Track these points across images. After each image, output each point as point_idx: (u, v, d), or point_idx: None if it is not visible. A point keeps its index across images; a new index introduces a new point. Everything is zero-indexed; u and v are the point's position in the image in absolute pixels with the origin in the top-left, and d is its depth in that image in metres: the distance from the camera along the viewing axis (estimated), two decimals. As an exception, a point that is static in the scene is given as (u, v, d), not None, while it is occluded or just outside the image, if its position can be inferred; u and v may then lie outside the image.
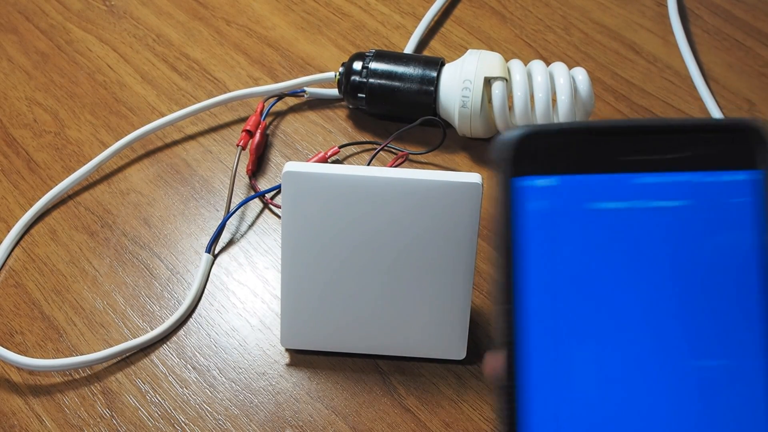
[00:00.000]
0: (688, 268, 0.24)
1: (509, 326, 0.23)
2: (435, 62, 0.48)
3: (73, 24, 0.57)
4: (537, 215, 0.24)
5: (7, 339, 0.42)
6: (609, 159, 0.24)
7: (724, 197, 0.24)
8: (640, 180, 0.24)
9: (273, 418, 0.39)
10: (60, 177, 0.48)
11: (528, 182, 0.24)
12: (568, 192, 0.24)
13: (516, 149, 0.24)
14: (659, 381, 0.23)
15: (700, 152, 0.24)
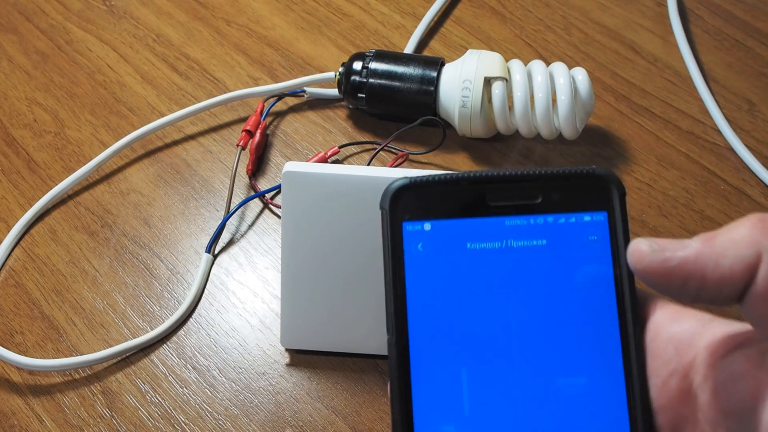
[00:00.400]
0: (551, 297, 0.27)
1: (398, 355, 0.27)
2: (435, 62, 0.48)
3: (73, 24, 0.57)
4: (417, 255, 0.27)
5: (7, 339, 0.42)
6: (482, 204, 0.28)
7: (578, 235, 0.28)
8: (508, 222, 0.28)
9: (273, 418, 0.39)
10: (60, 177, 0.48)
11: (410, 226, 0.28)
12: (445, 234, 0.28)
13: (400, 197, 0.28)
14: (528, 397, 0.27)
15: (560, 196, 0.28)
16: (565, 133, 0.46)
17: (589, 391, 0.27)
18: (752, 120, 0.50)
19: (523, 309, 0.27)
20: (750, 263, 0.22)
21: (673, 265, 0.23)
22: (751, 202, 0.46)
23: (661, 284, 0.24)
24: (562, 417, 0.27)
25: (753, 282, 0.22)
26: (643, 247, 0.24)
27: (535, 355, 0.27)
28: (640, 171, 0.48)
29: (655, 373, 0.26)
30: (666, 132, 0.50)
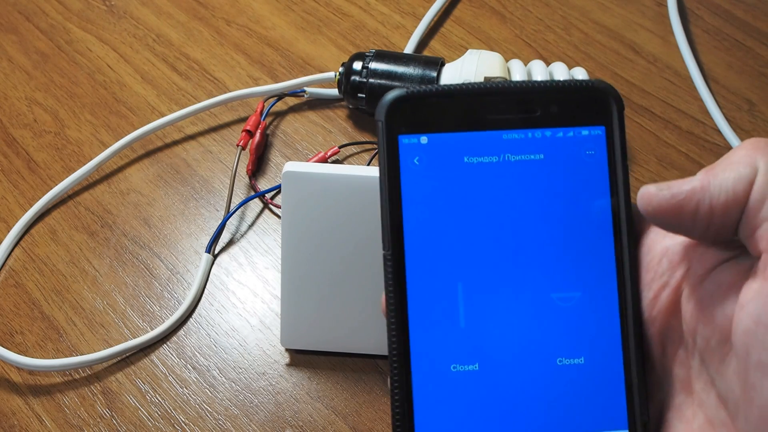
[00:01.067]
0: (548, 211, 0.27)
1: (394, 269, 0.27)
2: (435, 62, 0.48)
3: (73, 24, 0.57)
4: (414, 168, 0.27)
5: (7, 339, 0.42)
6: (480, 117, 0.27)
7: (575, 149, 0.27)
8: (505, 136, 0.27)
9: (273, 418, 0.39)
10: (60, 177, 0.48)
11: (407, 139, 0.27)
12: (442, 147, 0.27)
13: (396, 109, 0.27)
14: (523, 310, 0.27)
15: (557, 110, 0.27)
16: (565, 133, 0.46)
17: (583, 304, 0.27)
18: (752, 120, 0.50)
19: (519, 223, 0.27)
20: (749, 179, 0.23)
21: (681, 199, 0.24)
22: (751, 202, 0.46)
23: (673, 222, 0.24)
24: (557, 329, 0.27)
25: (749, 195, 0.23)
26: (651, 189, 0.25)
27: (531, 269, 0.27)
28: (640, 171, 0.48)
29: (648, 286, 0.26)
30: (666, 132, 0.50)
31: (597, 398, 0.27)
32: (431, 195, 0.27)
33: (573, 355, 0.27)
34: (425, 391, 0.26)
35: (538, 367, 0.27)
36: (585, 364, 0.27)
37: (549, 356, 0.27)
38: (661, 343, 0.27)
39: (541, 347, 0.27)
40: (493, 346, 0.27)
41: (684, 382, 0.26)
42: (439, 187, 0.27)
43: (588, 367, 0.27)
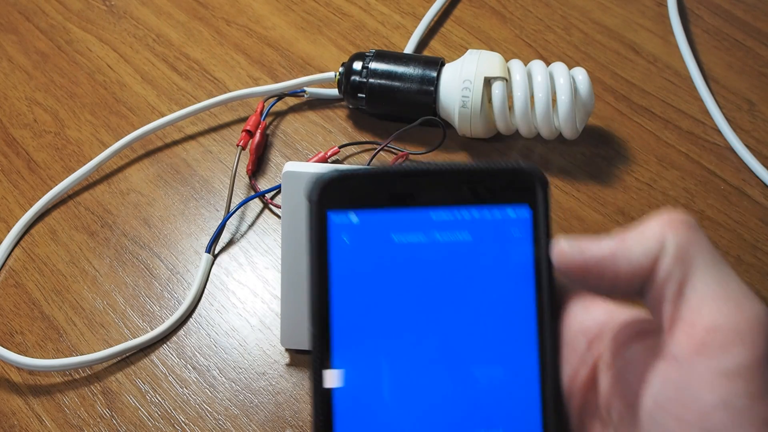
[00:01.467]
0: (474, 291, 0.28)
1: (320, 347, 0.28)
2: (435, 62, 0.48)
3: (73, 24, 0.57)
4: (343, 247, 0.28)
5: (7, 339, 0.42)
6: (409, 198, 0.28)
7: (502, 230, 0.28)
8: (434, 216, 0.28)
9: (273, 418, 0.39)
10: (60, 177, 0.48)
11: (337, 218, 0.28)
12: (371, 226, 0.28)
13: (327, 189, 0.28)
14: (446, 386, 0.28)
15: (485, 192, 0.28)
16: (565, 133, 0.46)
17: (506, 381, 0.28)
18: (752, 120, 0.50)
19: (445, 302, 0.28)
20: (655, 255, 0.24)
21: (590, 263, 0.25)
22: (751, 202, 0.46)
23: (580, 279, 0.26)
24: (479, 405, 0.28)
25: (655, 272, 0.24)
26: (563, 246, 0.26)
27: (456, 348, 0.28)
28: (640, 171, 0.48)
29: (567, 361, 0.27)
30: (666, 132, 0.50)
31: None
32: (360, 273, 0.28)
33: (494, 429, 0.28)
34: None
35: None
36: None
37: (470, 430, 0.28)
38: (579, 417, 0.28)
39: (463, 422, 0.28)
40: (417, 420, 0.28)
41: None
42: (367, 266, 0.28)
43: None
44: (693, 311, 0.23)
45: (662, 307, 0.24)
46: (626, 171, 0.48)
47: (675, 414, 0.23)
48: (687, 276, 0.23)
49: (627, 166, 0.48)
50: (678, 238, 0.24)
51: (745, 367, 0.22)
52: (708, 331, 0.22)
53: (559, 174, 0.48)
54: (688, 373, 0.22)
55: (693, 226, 0.24)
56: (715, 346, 0.22)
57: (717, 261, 0.24)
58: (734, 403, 0.22)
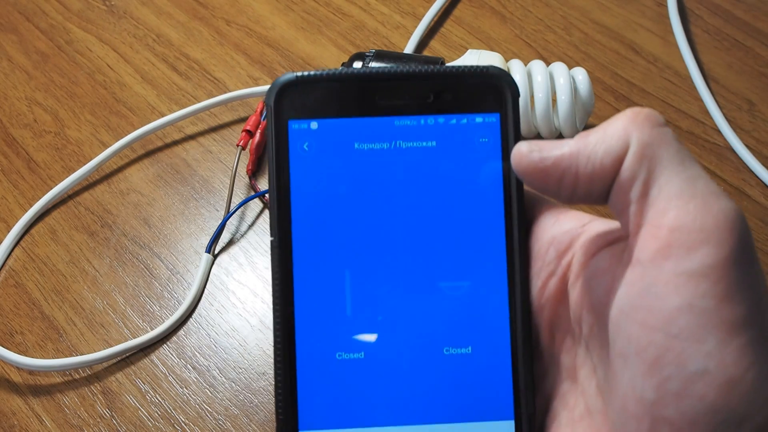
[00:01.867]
0: (439, 199, 0.27)
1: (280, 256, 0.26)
2: (435, 62, 0.48)
3: (73, 24, 0.57)
4: (303, 154, 0.27)
5: (7, 339, 0.42)
6: (372, 103, 0.27)
7: (469, 137, 0.27)
8: (397, 122, 0.27)
9: (273, 419, 0.39)
10: (60, 177, 0.48)
11: (296, 124, 0.27)
12: (332, 133, 0.27)
13: (286, 93, 0.26)
14: (411, 299, 0.27)
15: (451, 97, 0.27)
16: (565, 133, 0.46)
17: (472, 294, 0.27)
18: (752, 120, 0.50)
19: (409, 211, 0.27)
20: (619, 155, 0.23)
21: (549, 164, 0.24)
22: (751, 202, 0.46)
23: (539, 184, 0.24)
24: (444, 318, 0.27)
25: (618, 173, 0.23)
26: (522, 149, 0.24)
27: (420, 258, 0.27)
28: (640, 171, 0.48)
29: (536, 274, 0.26)
30: (666, 132, 0.50)
31: (484, 388, 0.27)
32: (320, 181, 0.27)
33: (460, 345, 0.27)
34: (309, 379, 0.26)
35: (424, 356, 0.27)
36: (472, 354, 0.27)
37: (436, 346, 0.27)
38: (549, 332, 0.27)
39: (428, 336, 0.27)
40: (380, 334, 0.27)
41: (570, 370, 0.26)
42: (328, 174, 0.27)
43: (475, 357, 0.27)
44: (658, 212, 0.22)
45: (627, 210, 0.23)
46: (626, 171, 0.48)
47: (639, 320, 0.21)
48: (652, 175, 0.22)
49: (627, 166, 0.48)
50: (642, 136, 0.22)
51: (711, 267, 0.21)
52: (673, 232, 0.21)
53: (559, 174, 0.48)
54: (652, 277, 0.21)
55: (659, 122, 0.23)
56: (680, 247, 0.21)
57: (684, 158, 0.22)
58: (700, 304, 0.20)
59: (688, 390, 0.21)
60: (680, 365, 0.21)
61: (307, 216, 0.27)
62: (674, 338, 0.21)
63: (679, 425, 0.21)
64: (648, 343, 0.21)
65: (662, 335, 0.21)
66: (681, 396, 0.21)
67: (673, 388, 0.21)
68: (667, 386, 0.21)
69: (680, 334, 0.21)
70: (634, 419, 0.22)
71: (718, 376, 0.20)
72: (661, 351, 0.21)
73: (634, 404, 0.22)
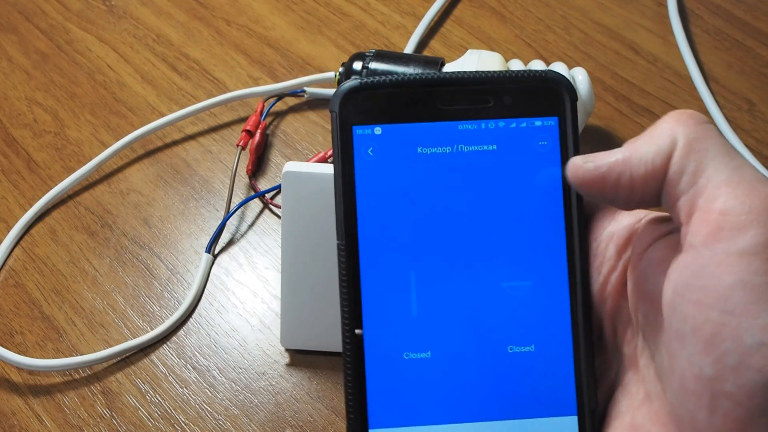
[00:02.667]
0: (501, 201, 0.28)
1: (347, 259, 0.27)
2: (435, 62, 0.48)
3: (73, 24, 0.57)
4: (368, 159, 0.27)
5: (7, 339, 0.42)
6: (433, 108, 0.27)
7: (528, 140, 0.28)
8: (459, 127, 0.27)
9: (273, 418, 0.39)
10: (60, 177, 0.48)
11: (361, 130, 0.27)
12: (396, 138, 0.27)
13: (350, 99, 0.27)
14: (475, 299, 0.27)
15: (511, 101, 0.28)
16: (565, 133, 0.46)
17: (534, 293, 0.28)
18: (752, 120, 0.50)
19: (472, 213, 0.27)
20: (668, 153, 0.24)
21: (604, 172, 0.25)
22: (751, 202, 0.46)
23: (597, 192, 0.26)
24: (507, 317, 0.27)
25: (668, 168, 0.24)
26: (577, 161, 0.26)
27: (483, 259, 0.27)
28: (640, 171, 0.48)
29: (597, 270, 0.27)
30: (666, 132, 0.50)
31: (547, 385, 0.27)
32: (385, 186, 0.27)
33: (523, 343, 0.27)
34: (378, 379, 0.27)
35: (489, 354, 0.27)
36: (535, 352, 0.27)
37: (500, 344, 0.27)
38: (612, 325, 0.27)
39: (492, 335, 0.27)
40: (445, 334, 0.27)
41: (632, 359, 0.27)
42: (393, 178, 0.27)
43: (538, 355, 0.27)
44: (707, 199, 0.23)
45: (678, 201, 0.24)
46: (626, 171, 0.48)
47: (695, 299, 0.22)
48: (700, 167, 0.23)
49: (627, 166, 0.48)
50: (688, 132, 0.24)
51: (762, 246, 0.22)
52: (723, 215, 0.22)
53: (559, 174, 0.48)
54: (705, 258, 0.22)
55: (702, 120, 0.24)
56: (730, 229, 0.22)
57: (728, 150, 0.24)
58: (752, 281, 0.22)
59: (745, 363, 0.21)
60: (736, 340, 0.21)
61: (373, 219, 0.27)
62: (729, 314, 0.22)
63: (738, 398, 0.22)
64: (704, 321, 0.22)
65: (718, 312, 0.22)
66: (739, 369, 0.21)
67: (731, 362, 0.22)
68: (725, 361, 0.22)
69: (735, 310, 0.22)
70: (693, 396, 0.23)
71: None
72: (718, 327, 0.22)
73: (693, 381, 0.23)
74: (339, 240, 0.27)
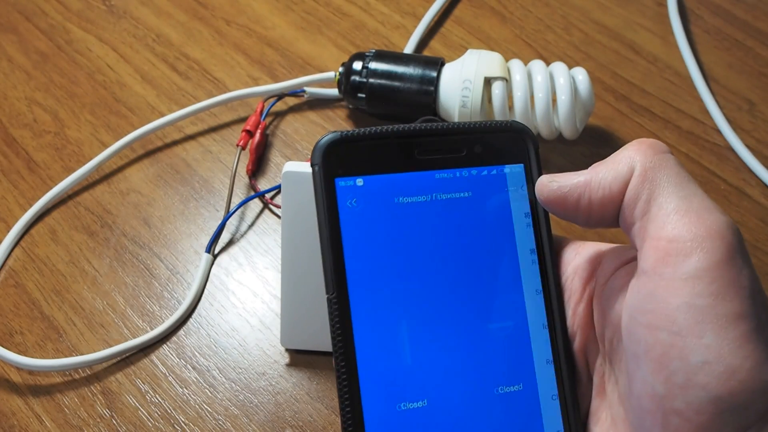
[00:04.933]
0: (477, 245, 0.29)
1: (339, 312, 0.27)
2: (435, 62, 0.48)
3: (72, 24, 0.57)
4: (351, 210, 0.28)
5: (7, 339, 0.42)
6: (411, 158, 0.29)
7: (499, 186, 0.30)
8: (435, 176, 0.29)
9: (273, 418, 0.39)
10: (60, 177, 0.48)
11: (343, 182, 0.28)
12: (376, 188, 0.28)
13: (331, 153, 0.28)
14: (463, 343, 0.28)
15: (481, 150, 0.30)
16: (565, 133, 0.46)
17: (517, 331, 0.29)
18: (752, 120, 0.50)
19: (453, 259, 0.29)
20: (625, 179, 0.26)
21: (566, 192, 0.27)
22: (751, 202, 0.46)
23: (560, 210, 0.28)
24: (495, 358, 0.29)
25: (624, 194, 0.26)
26: (543, 180, 0.28)
27: (467, 302, 0.29)
28: (640, 171, 0.48)
29: (566, 303, 0.29)
30: (666, 132, 0.50)
31: (535, 421, 0.28)
32: (368, 235, 0.28)
33: (511, 383, 0.28)
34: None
35: (480, 397, 0.28)
36: (523, 390, 0.28)
37: (490, 386, 0.28)
38: (584, 356, 0.29)
39: (482, 378, 0.28)
40: (439, 381, 0.28)
41: (599, 387, 0.28)
42: (376, 228, 0.28)
43: (526, 393, 0.28)
44: (657, 226, 0.24)
45: (633, 227, 0.25)
46: (626, 171, 0.48)
47: (645, 322, 0.24)
48: (653, 194, 0.25)
49: (627, 166, 0.48)
50: (645, 161, 0.25)
51: (705, 270, 0.23)
52: (670, 242, 0.24)
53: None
54: (654, 283, 0.24)
55: (661, 149, 0.26)
56: (676, 254, 0.23)
57: (682, 179, 0.25)
58: (696, 303, 0.23)
59: (692, 381, 0.22)
60: (683, 359, 0.23)
61: (360, 270, 0.28)
62: (676, 335, 0.23)
63: (687, 415, 0.23)
64: (654, 342, 0.23)
65: (666, 333, 0.23)
66: (686, 387, 0.23)
67: (679, 380, 0.23)
68: (673, 379, 0.23)
69: (681, 331, 0.23)
70: (649, 415, 0.24)
71: (717, 366, 0.22)
72: (666, 348, 0.23)
73: (648, 400, 0.24)
74: (329, 293, 0.27)
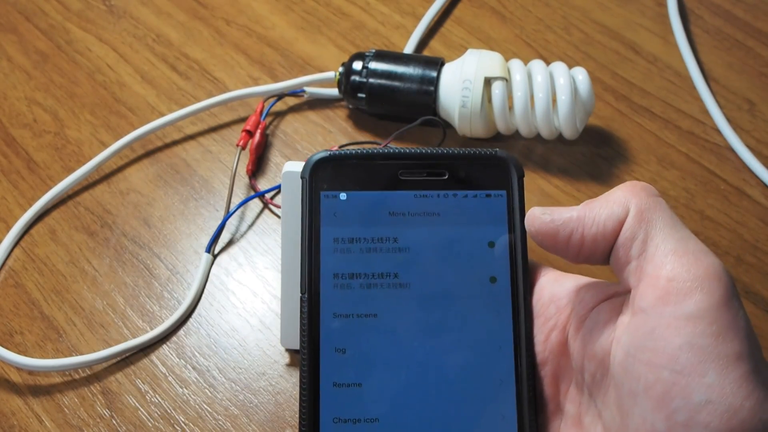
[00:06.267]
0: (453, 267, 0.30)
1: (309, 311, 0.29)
2: (435, 62, 0.48)
3: (72, 24, 0.56)
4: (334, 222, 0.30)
5: (7, 339, 0.42)
6: (394, 179, 0.30)
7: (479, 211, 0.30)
8: (415, 196, 0.30)
9: (273, 418, 0.39)
10: (60, 177, 0.48)
11: (328, 195, 0.30)
12: (357, 204, 0.30)
13: (319, 168, 0.30)
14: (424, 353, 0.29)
15: (464, 175, 0.30)
16: (565, 133, 0.46)
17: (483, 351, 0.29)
18: (752, 120, 0.50)
19: (426, 277, 0.30)
20: (620, 218, 0.26)
21: (558, 225, 0.27)
22: (751, 202, 0.46)
23: (549, 243, 0.28)
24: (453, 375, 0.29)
25: (619, 234, 0.26)
26: (536, 212, 0.28)
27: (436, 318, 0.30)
28: (640, 171, 0.48)
29: (539, 330, 0.30)
30: (666, 132, 0.50)
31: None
32: (346, 246, 0.30)
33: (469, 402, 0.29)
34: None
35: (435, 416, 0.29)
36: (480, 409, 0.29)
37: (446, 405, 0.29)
38: (554, 382, 0.29)
39: (438, 396, 0.29)
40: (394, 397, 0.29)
41: (574, 417, 0.28)
42: (353, 240, 0.30)
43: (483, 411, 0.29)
44: (656, 266, 0.25)
45: (627, 266, 0.26)
46: (626, 171, 0.48)
47: (646, 360, 0.24)
48: (649, 235, 0.26)
49: (627, 166, 0.48)
50: (640, 202, 0.26)
51: (706, 310, 0.23)
52: (670, 281, 0.24)
53: (559, 174, 0.48)
54: (654, 321, 0.24)
55: (653, 192, 0.27)
56: (676, 294, 0.24)
57: (675, 222, 0.26)
58: (698, 342, 0.23)
59: (694, 419, 0.23)
60: (686, 397, 0.23)
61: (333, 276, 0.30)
62: (678, 374, 0.23)
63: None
64: (655, 380, 0.24)
65: (668, 372, 0.23)
66: (688, 425, 0.23)
67: (681, 418, 0.23)
68: (675, 417, 0.23)
69: (683, 370, 0.23)
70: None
71: (720, 405, 0.23)
72: (668, 386, 0.23)
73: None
74: (302, 293, 0.29)
